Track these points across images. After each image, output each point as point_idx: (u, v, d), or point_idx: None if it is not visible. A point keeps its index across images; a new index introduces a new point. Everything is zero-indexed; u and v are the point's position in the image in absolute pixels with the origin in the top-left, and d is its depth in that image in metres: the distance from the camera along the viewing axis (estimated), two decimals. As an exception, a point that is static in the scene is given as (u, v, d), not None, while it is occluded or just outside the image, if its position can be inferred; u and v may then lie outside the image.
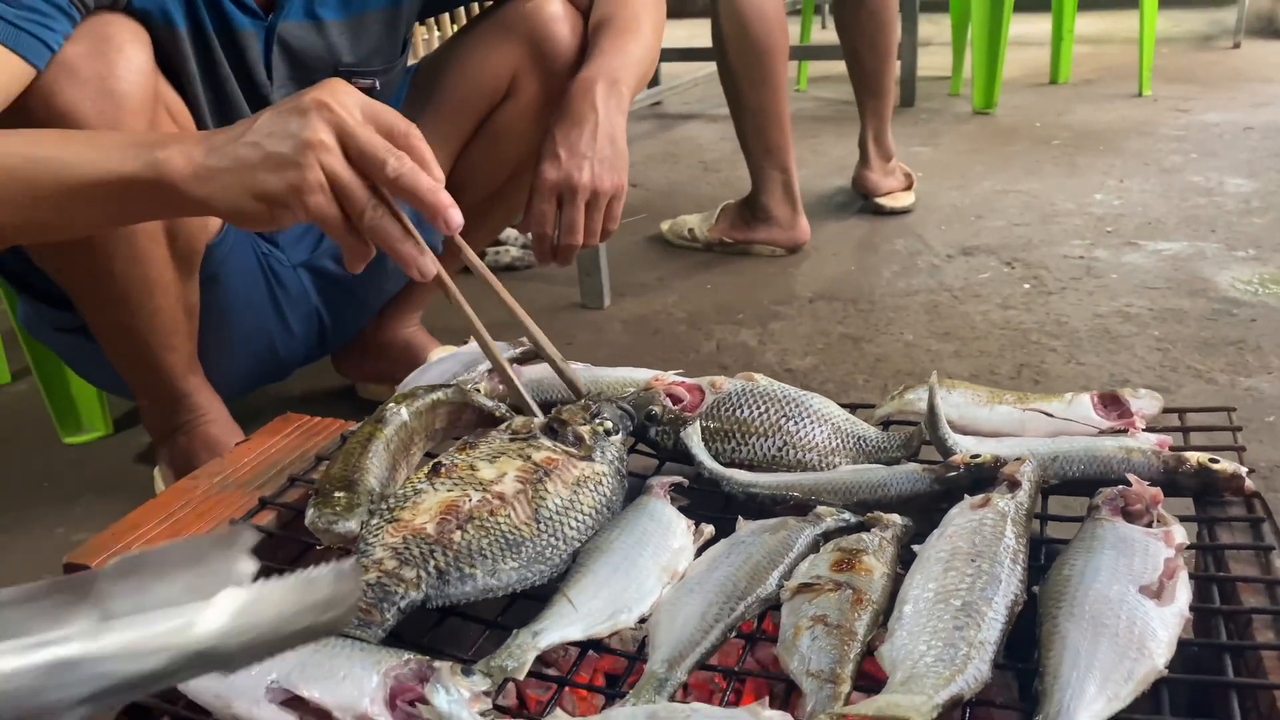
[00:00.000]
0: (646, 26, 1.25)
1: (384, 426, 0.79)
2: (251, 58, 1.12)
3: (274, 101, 1.15)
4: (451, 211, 0.77)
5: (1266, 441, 1.35)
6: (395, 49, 1.25)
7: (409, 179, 0.75)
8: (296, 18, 1.14)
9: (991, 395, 0.83)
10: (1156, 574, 0.61)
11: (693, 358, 1.74)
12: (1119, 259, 1.99)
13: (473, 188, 1.44)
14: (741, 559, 0.69)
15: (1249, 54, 3.85)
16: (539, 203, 1.10)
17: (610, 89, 1.14)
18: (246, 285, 1.25)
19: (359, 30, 1.19)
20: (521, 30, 1.29)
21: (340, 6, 1.17)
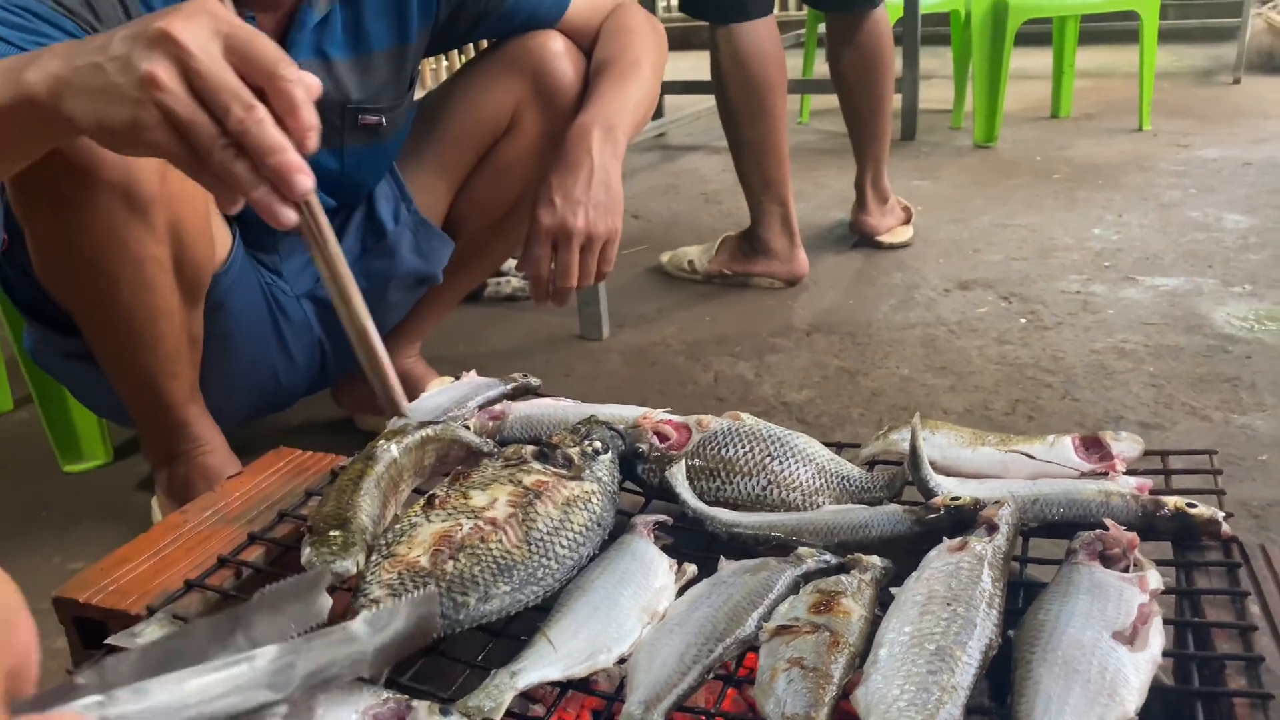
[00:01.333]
0: (646, 69, 1.27)
1: (374, 464, 0.80)
2: None
3: None
4: (299, 177, 0.68)
5: (1260, 480, 1.35)
6: (402, 86, 1.28)
7: (254, 134, 0.66)
8: (305, 55, 1.17)
9: (974, 436, 0.84)
10: (1130, 619, 0.61)
11: (690, 390, 1.75)
12: (1116, 294, 2.00)
13: (473, 220, 1.46)
14: (721, 600, 0.69)
15: (1249, 90, 3.88)
16: (535, 247, 1.14)
17: (606, 135, 1.17)
18: (250, 315, 1.27)
19: (367, 68, 1.22)
20: (524, 66, 1.32)
21: (349, 45, 1.20)
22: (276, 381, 1.36)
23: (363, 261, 1.37)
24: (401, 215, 1.38)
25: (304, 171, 0.69)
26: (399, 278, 1.40)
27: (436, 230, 1.42)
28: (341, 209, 1.33)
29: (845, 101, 2.29)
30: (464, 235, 1.46)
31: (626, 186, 3.30)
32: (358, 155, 1.27)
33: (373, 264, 1.37)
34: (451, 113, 1.40)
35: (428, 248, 1.40)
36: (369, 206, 1.38)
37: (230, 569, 0.77)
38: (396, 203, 1.39)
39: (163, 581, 0.76)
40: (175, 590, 0.75)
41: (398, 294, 1.43)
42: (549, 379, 1.89)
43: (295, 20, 1.14)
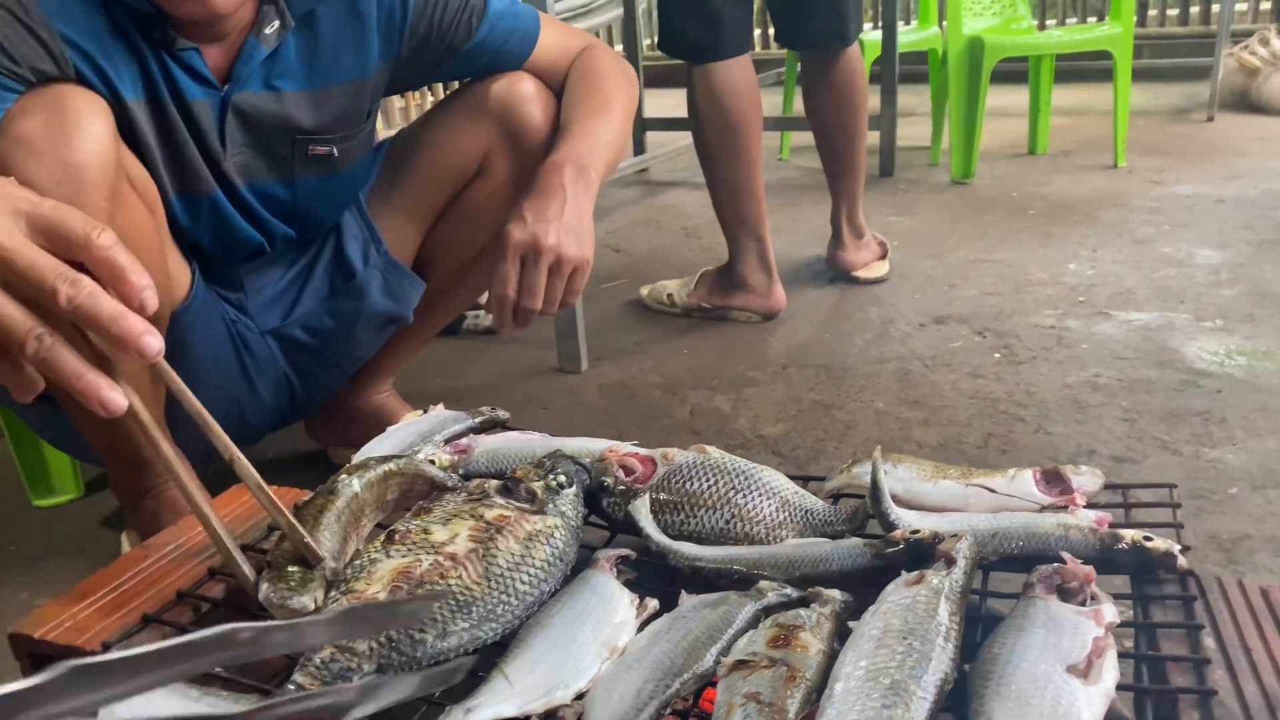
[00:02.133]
0: (617, 110, 1.28)
1: (336, 498, 0.79)
2: (205, 126, 1.14)
3: (227, 170, 1.18)
4: (146, 339, 0.62)
5: (1229, 513, 1.36)
6: (359, 118, 1.28)
7: (88, 307, 0.60)
8: (255, 88, 1.16)
9: (936, 470, 0.85)
10: (1084, 653, 0.62)
11: (666, 423, 1.75)
12: (1090, 329, 2.02)
13: (442, 262, 1.46)
14: (680, 635, 0.69)
15: (1222, 127, 3.94)
16: (503, 264, 1.10)
17: (579, 173, 1.17)
18: (213, 351, 1.26)
19: (321, 102, 1.21)
20: (493, 110, 1.32)
21: (303, 78, 1.19)
22: (243, 417, 1.35)
23: (330, 301, 1.36)
24: (371, 256, 1.38)
25: (150, 333, 0.62)
26: (368, 318, 1.39)
27: (407, 271, 1.41)
28: (301, 241, 1.33)
29: (821, 139, 2.32)
30: (435, 276, 1.46)
31: (609, 221, 3.33)
32: (310, 187, 1.26)
33: (341, 304, 1.36)
34: (421, 155, 1.40)
35: (398, 289, 1.40)
36: (338, 246, 1.37)
37: (189, 604, 0.77)
38: (366, 243, 1.38)
39: (121, 617, 0.76)
40: (133, 626, 0.74)
41: (367, 334, 1.42)
42: (526, 412, 1.89)
43: (242, 54, 1.14)
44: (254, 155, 1.20)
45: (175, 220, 1.17)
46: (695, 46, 2.05)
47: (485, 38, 1.30)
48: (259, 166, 1.21)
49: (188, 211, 1.18)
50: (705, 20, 2.03)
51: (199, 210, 1.18)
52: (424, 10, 1.25)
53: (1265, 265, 2.30)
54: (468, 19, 1.28)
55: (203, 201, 1.18)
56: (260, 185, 1.23)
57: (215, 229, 1.21)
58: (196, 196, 1.17)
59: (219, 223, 1.20)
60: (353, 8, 1.20)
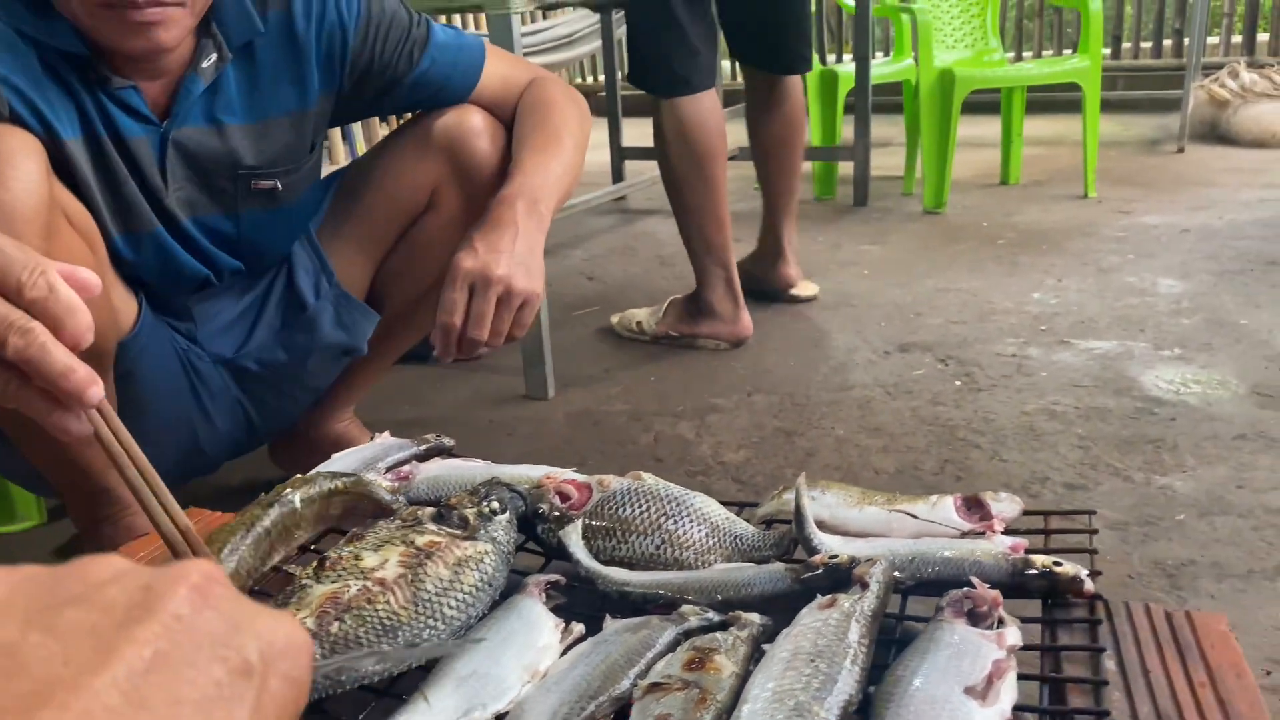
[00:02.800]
0: (569, 142, 1.28)
1: (270, 512, 0.81)
2: (144, 163, 1.14)
3: (170, 205, 1.18)
4: (89, 391, 0.63)
5: (1175, 540, 1.38)
6: (302, 151, 1.28)
7: (36, 361, 0.60)
8: (195, 122, 1.17)
9: (862, 496, 0.87)
10: (983, 675, 0.64)
11: (630, 450, 1.77)
12: (1050, 357, 2.05)
13: (396, 294, 1.47)
14: (600, 658, 0.71)
15: (1192, 158, 4.00)
16: (450, 291, 1.08)
17: (531, 208, 1.16)
18: (164, 380, 1.26)
19: (263, 134, 1.21)
20: (442, 143, 1.33)
21: (244, 111, 1.19)
22: (197, 445, 1.35)
23: (283, 334, 1.37)
24: (323, 289, 1.38)
25: (93, 383, 0.63)
26: (321, 350, 1.39)
27: (359, 303, 1.41)
28: (249, 272, 1.34)
29: (768, 161, 2.39)
30: (389, 308, 1.46)
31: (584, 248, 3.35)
32: (255, 220, 1.27)
33: (294, 337, 1.37)
34: (371, 188, 1.40)
35: (350, 320, 1.40)
36: (289, 280, 1.38)
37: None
38: (317, 275, 1.39)
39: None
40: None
41: (321, 365, 1.42)
42: (491, 439, 1.91)
43: (180, 89, 1.14)
44: (196, 190, 1.20)
45: (119, 255, 1.18)
46: (665, 81, 2.09)
47: (427, 70, 1.29)
48: (202, 201, 1.22)
49: (130, 247, 1.18)
50: (684, 55, 2.07)
51: (141, 246, 1.19)
52: (365, 41, 1.25)
53: (1225, 295, 2.34)
54: (409, 51, 1.28)
55: (144, 238, 1.18)
56: (204, 219, 1.23)
57: (159, 264, 1.21)
58: (138, 233, 1.17)
59: (162, 258, 1.21)
60: (291, 39, 1.20)
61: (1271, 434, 1.65)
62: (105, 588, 0.28)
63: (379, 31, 1.25)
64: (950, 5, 3.74)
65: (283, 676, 0.29)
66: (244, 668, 0.28)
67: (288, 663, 0.29)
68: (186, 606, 0.28)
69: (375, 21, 1.25)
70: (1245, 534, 1.37)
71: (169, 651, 0.27)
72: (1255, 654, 1.13)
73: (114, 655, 0.26)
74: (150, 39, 1.04)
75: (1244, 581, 1.27)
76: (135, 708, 0.25)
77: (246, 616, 0.29)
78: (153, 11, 1.02)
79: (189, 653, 0.27)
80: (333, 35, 1.23)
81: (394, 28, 1.27)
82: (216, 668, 0.27)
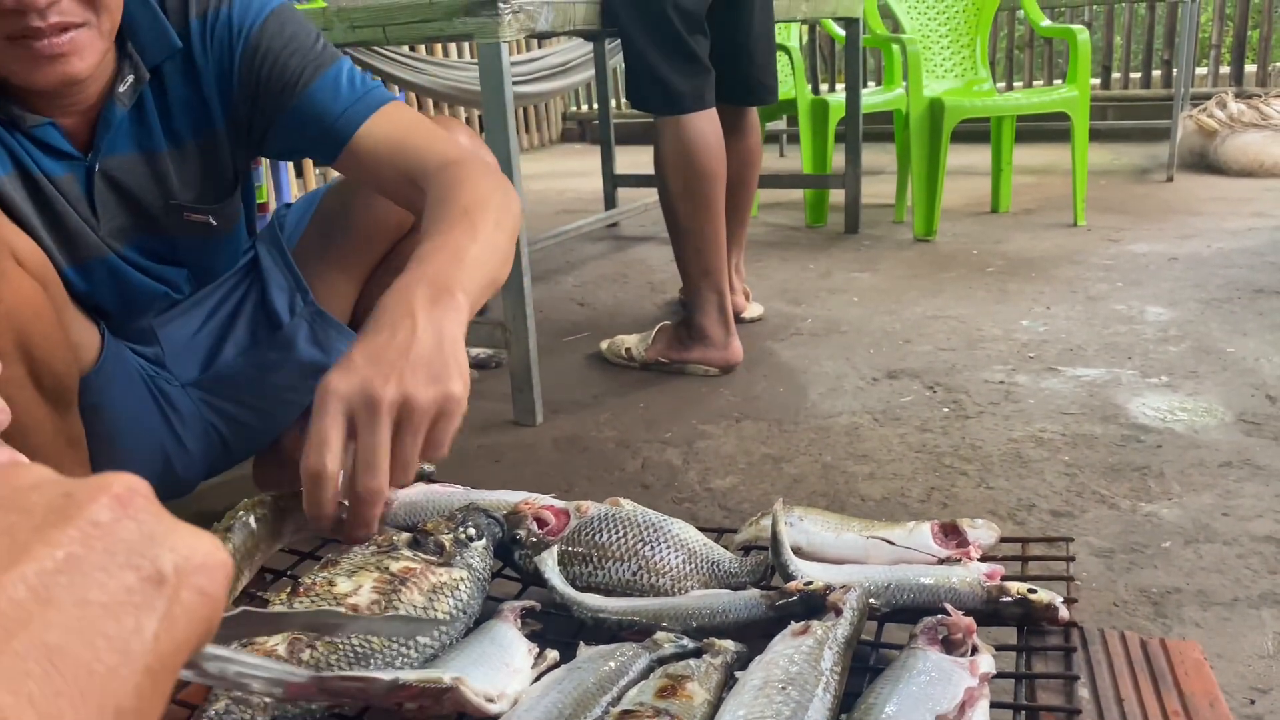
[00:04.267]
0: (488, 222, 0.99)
1: (230, 537, 0.81)
2: (71, 198, 1.13)
3: (104, 238, 1.16)
4: None
5: (1160, 567, 1.38)
6: (223, 182, 1.24)
7: None
8: (123, 150, 1.14)
9: (840, 522, 0.86)
10: (955, 703, 0.63)
11: (617, 476, 1.77)
12: (1038, 384, 2.05)
13: None
14: (573, 685, 0.71)
15: (1180, 187, 4.03)
16: (318, 421, 0.78)
17: (436, 295, 0.87)
18: (133, 408, 1.25)
19: (183, 158, 1.19)
20: None
21: (162, 136, 1.17)
22: (171, 469, 1.34)
23: (254, 352, 1.36)
24: (298, 307, 1.37)
25: None
26: (295, 368, 1.38)
27: (335, 322, 1.40)
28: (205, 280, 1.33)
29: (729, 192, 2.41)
30: None
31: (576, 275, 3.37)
32: (192, 245, 1.25)
33: (266, 355, 1.36)
34: (352, 209, 1.38)
35: (325, 339, 1.38)
36: (262, 297, 1.37)
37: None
38: (292, 294, 1.38)
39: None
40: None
41: (295, 383, 1.41)
42: (478, 465, 1.90)
43: (100, 119, 1.11)
44: (129, 218, 1.19)
45: (73, 287, 1.17)
46: (665, 100, 2.11)
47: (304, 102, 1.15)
48: (134, 226, 1.20)
49: (83, 278, 1.17)
50: (695, 70, 2.10)
51: (93, 275, 1.18)
52: (251, 66, 1.16)
53: (1212, 323, 2.35)
54: (292, 82, 1.15)
55: (94, 265, 1.17)
56: (140, 241, 1.22)
57: (114, 289, 1.20)
58: (88, 262, 1.17)
59: (116, 282, 1.20)
60: (190, 62, 1.16)
61: (1257, 462, 1.65)
62: (27, 492, 0.29)
63: (269, 53, 1.15)
64: (940, 36, 3.77)
65: (197, 590, 0.30)
66: (156, 577, 0.29)
67: (203, 578, 0.30)
68: (106, 514, 0.29)
69: (268, 42, 1.15)
70: (1230, 562, 1.37)
71: (82, 555, 0.27)
72: (1240, 682, 1.12)
73: (26, 554, 0.27)
74: (61, 71, 0.99)
75: (1229, 609, 1.27)
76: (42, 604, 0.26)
77: (164, 529, 0.30)
78: (60, 41, 0.97)
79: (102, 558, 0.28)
80: (221, 60, 1.16)
81: (288, 53, 1.15)
82: (129, 574, 0.28)
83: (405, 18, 1.85)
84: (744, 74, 2.32)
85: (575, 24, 2.08)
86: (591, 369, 2.33)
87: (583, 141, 6.98)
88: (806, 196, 3.71)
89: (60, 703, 0.25)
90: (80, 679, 0.26)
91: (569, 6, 2.02)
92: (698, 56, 2.10)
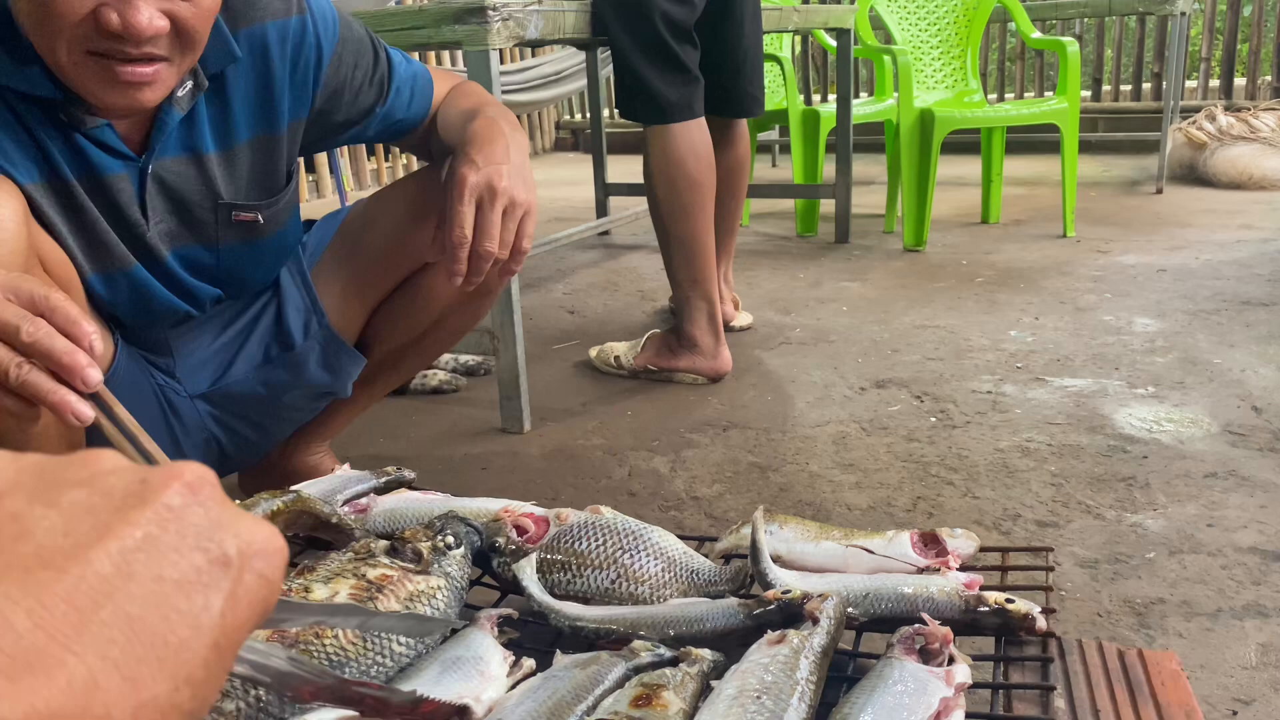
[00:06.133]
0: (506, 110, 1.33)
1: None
2: (124, 199, 1.13)
3: (150, 239, 1.17)
4: (88, 372, 0.79)
5: (1145, 578, 1.38)
6: (276, 180, 1.27)
7: (44, 343, 0.77)
8: (174, 153, 1.16)
9: (820, 531, 0.86)
10: (930, 713, 0.63)
11: (603, 484, 1.76)
12: (1025, 394, 2.05)
13: (386, 339, 1.46)
14: (548, 693, 0.70)
15: (1170, 199, 4.05)
16: (458, 204, 1.09)
17: (512, 125, 1.20)
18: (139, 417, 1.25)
19: (235, 160, 1.21)
20: None
21: (217, 139, 1.19)
22: None
23: (265, 370, 1.36)
24: (312, 329, 1.37)
25: (93, 367, 0.79)
26: (303, 389, 1.38)
27: (347, 346, 1.40)
28: (232, 300, 1.33)
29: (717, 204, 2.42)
30: (377, 351, 1.45)
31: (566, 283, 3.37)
32: (235, 252, 1.26)
33: (276, 374, 1.36)
34: (375, 236, 1.39)
35: (336, 363, 1.39)
36: (278, 316, 1.37)
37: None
38: (308, 315, 1.38)
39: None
40: None
41: (300, 404, 1.41)
42: (465, 473, 1.90)
43: (157, 123, 1.13)
44: (177, 222, 1.20)
45: (93, 294, 1.17)
46: (670, 106, 2.11)
47: (393, 100, 1.31)
48: (182, 232, 1.21)
49: (105, 286, 1.18)
50: (684, 80, 2.10)
51: (115, 285, 1.18)
52: (338, 70, 1.25)
53: (1199, 334, 2.35)
54: (379, 80, 1.29)
55: (118, 276, 1.17)
56: (184, 251, 1.23)
57: (134, 302, 1.20)
58: (112, 273, 1.17)
59: (138, 295, 1.20)
60: (265, 64, 1.19)
61: (1242, 472, 1.66)
62: (106, 476, 0.32)
63: (352, 60, 1.26)
64: (931, 47, 3.79)
65: (258, 574, 0.32)
66: (223, 559, 0.31)
67: (263, 563, 0.32)
68: (177, 499, 0.31)
69: (349, 49, 1.26)
70: (1214, 572, 1.37)
71: (158, 536, 0.30)
72: (1222, 693, 1.12)
73: (109, 532, 0.29)
74: (134, 98, 1.01)
75: (1212, 620, 1.27)
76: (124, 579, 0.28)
77: (229, 516, 0.32)
78: (144, 71, 1.00)
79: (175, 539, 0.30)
80: (308, 59, 1.22)
81: (363, 55, 1.28)
82: (198, 555, 0.31)
83: (394, 25, 1.85)
84: (732, 85, 2.33)
85: (565, 32, 2.09)
86: (580, 377, 2.33)
87: (575, 150, 6.99)
88: (797, 206, 3.72)
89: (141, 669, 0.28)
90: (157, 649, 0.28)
91: (559, 15, 2.02)
92: (687, 66, 2.10)
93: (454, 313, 1.44)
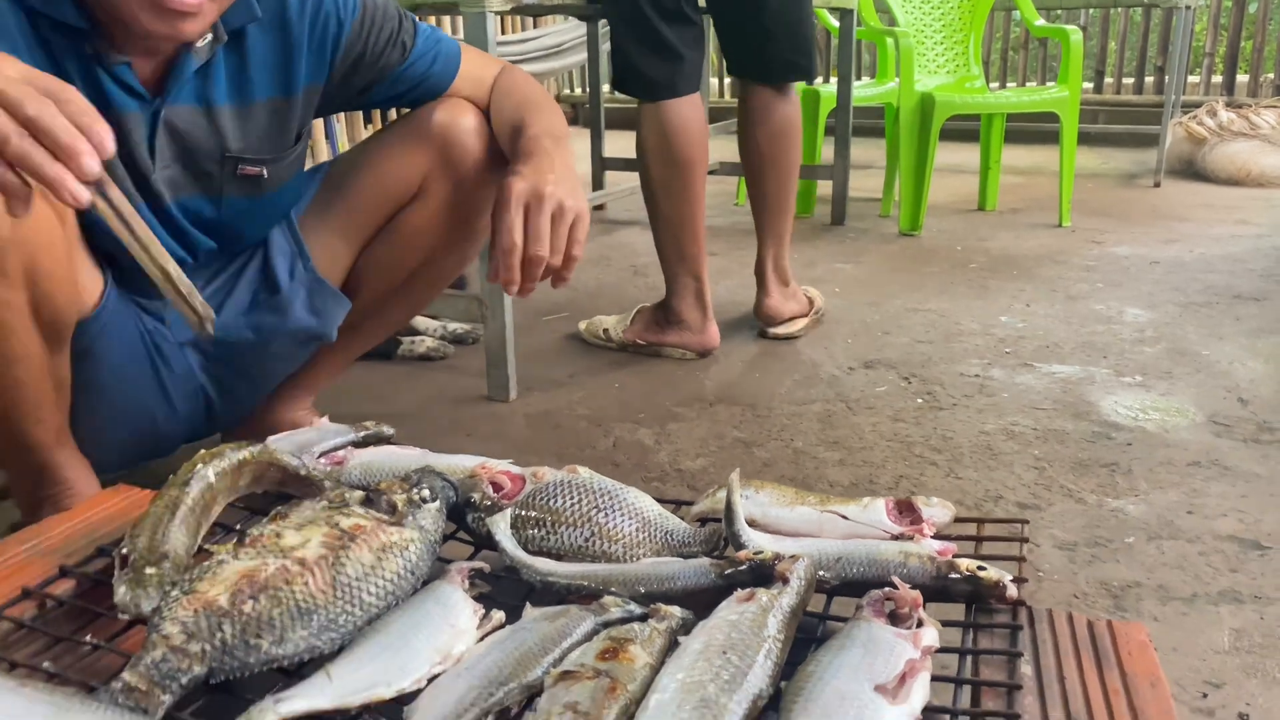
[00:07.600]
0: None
1: (189, 490, 0.80)
2: (134, 139, 1.14)
3: (155, 183, 1.19)
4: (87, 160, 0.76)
5: (1123, 561, 1.38)
6: (286, 139, 1.28)
7: (47, 120, 0.75)
8: (187, 101, 1.17)
9: (796, 496, 0.86)
10: (895, 673, 0.63)
11: (588, 454, 1.76)
12: (1012, 379, 2.05)
13: (374, 282, 1.47)
14: (515, 645, 0.70)
15: (1167, 193, 4.04)
16: (506, 212, 1.09)
17: (556, 142, 1.20)
18: (125, 361, 1.25)
19: (247, 117, 1.22)
20: (435, 138, 1.34)
21: (232, 93, 1.20)
22: (155, 428, 1.34)
23: (252, 314, 1.36)
24: (297, 272, 1.38)
25: (91, 155, 0.76)
26: (290, 333, 1.39)
27: (332, 289, 1.42)
28: (224, 253, 1.34)
29: (757, 178, 2.31)
30: (363, 296, 1.46)
31: (558, 256, 3.33)
32: (236, 206, 1.27)
33: (263, 318, 1.36)
34: (359, 177, 1.41)
35: (322, 306, 1.40)
36: (265, 260, 1.38)
37: (35, 600, 0.77)
38: (293, 259, 1.39)
39: (-35, 611, 0.75)
40: (-27, 619, 0.74)
41: (288, 349, 1.42)
42: (450, 438, 1.89)
43: (174, 66, 1.14)
44: (182, 170, 1.20)
45: (89, 228, 1.16)
46: (653, 84, 2.09)
47: (414, 64, 1.33)
48: (186, 181, 1.21)
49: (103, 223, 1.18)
50: (666, 58, 2.07)
51: None
52: (360, 34, 1.27)
53: (1189, 325, 2.36)
54: (400, 44, 1.31)
55: None
56: (186, 201, 1.23)
57: None
58: None
59: None
60: (284, 29, 1.21)
61: (1225, 462, 1.66)
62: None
63: (373, 25, 1.27)
64: (934, 31, 3.77)
65: None
66: None
67: None
68: None
69: (370, 15, 1.27)
70: (1192, 558, 1.38)
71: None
72: (1194, 676, 1.13)
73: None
74: (178, 27, 1.03)
75: (1187, 605, 1.27)
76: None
77: None
78: (191, 2, 1.01)
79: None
80: (326, 27, 1.24)
81: (386, 20, 1.29)
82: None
83: (391, -16, 1.83)
84: (762, 51, 2.18)
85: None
86: (569, 348, 2.32)
87: (575, 125, 6.95)
88: (794, 187, 3.71)
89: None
90: None
91: (558, -19, 2.01)
92: (669, 45, 2.06)
93: (439, 256, 1.45)
